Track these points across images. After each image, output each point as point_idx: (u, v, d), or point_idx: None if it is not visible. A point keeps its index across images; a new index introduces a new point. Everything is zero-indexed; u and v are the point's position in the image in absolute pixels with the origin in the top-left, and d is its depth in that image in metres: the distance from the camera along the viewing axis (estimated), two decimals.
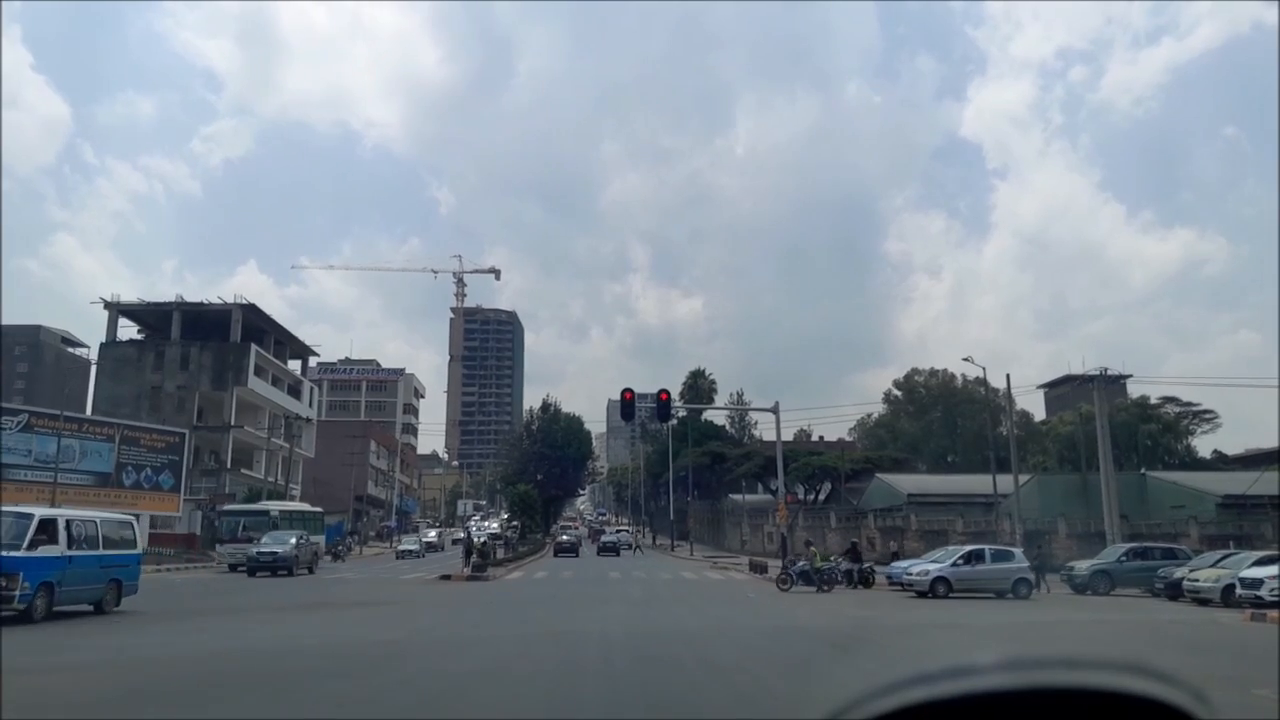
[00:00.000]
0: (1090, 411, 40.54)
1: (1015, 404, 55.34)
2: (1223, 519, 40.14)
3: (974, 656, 0.66)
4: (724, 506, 68.28)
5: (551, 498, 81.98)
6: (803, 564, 25.60)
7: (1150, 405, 66.29)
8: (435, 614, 17.80)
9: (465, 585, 27.50)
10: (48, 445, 42.70)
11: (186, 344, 59.22)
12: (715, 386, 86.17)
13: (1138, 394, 66.81)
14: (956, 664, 0.64)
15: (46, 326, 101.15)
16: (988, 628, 15.99)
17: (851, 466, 61.57)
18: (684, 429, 71.15)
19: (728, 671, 9.82)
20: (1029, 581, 24.14)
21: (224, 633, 14.14)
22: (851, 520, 50.50)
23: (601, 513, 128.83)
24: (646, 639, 13.00)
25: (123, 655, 11.04)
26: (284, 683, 8.89)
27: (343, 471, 69.95)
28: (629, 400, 27.65)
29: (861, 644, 12.74)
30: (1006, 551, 25.86)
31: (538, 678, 9.20)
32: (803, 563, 25.77)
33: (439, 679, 9.14)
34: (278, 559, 31.18)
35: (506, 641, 12.46)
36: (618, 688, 8.61)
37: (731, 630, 14.73)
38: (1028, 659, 0.64)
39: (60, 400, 52.91)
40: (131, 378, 58.04)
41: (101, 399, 57.18)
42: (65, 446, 43.26)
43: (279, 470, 58.19)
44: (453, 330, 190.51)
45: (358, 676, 9.12)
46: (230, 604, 19.95)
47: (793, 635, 14.12)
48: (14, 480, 41.52)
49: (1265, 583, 19.24)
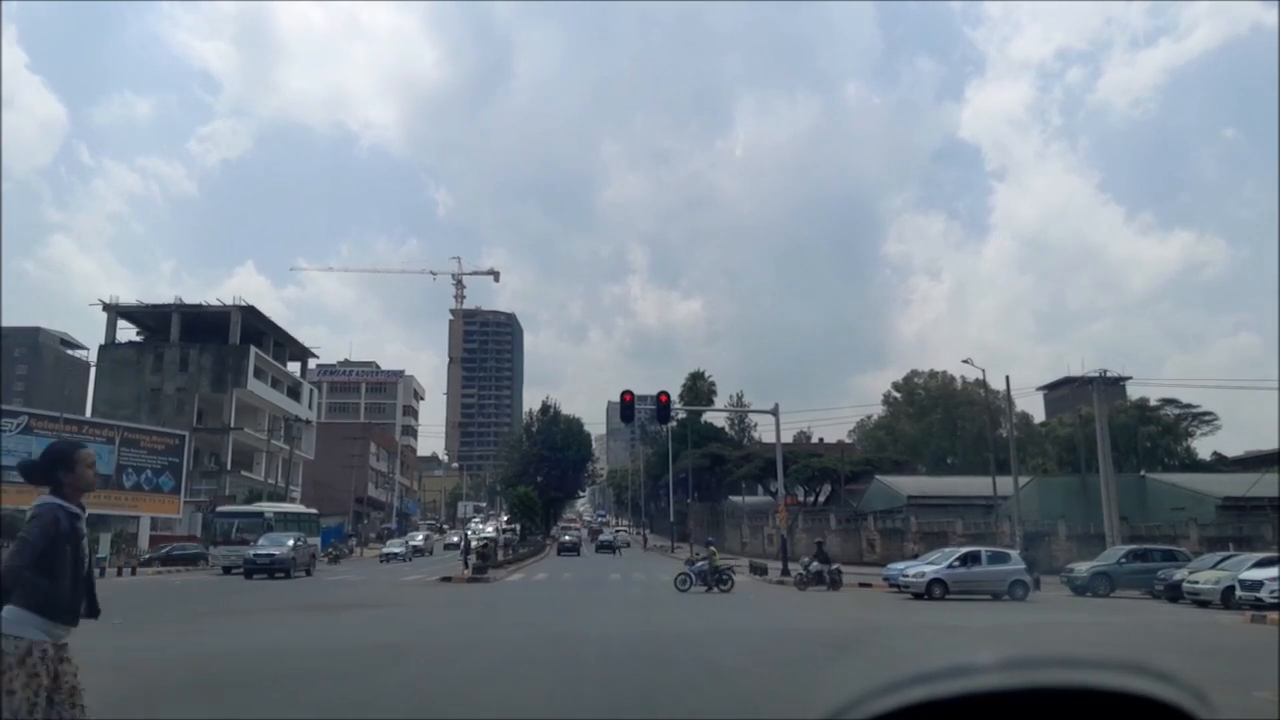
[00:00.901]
0: (1090, 413, 40.54)
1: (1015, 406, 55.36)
2: (1222, 521, 40.16)
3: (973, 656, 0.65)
4: (724, 508, 68.28)
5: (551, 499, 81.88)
6: (701, 564, 25.37)
7: (1150, 407, 66.31)
8: (435, 616, 17.78)
9: (465, 587, 27.48)
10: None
11: (186, 346, 59.21)
12: (715, 388, 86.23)
13: (1137, 396, 66.91)
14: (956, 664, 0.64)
15: (46, 328, 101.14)
16: (987, 628, 15.99)
17: (851, 468, 61.62)
18: (684, 431, 71.12)
19: (728, 672, 9.81)
20: (1025, 583, 24.15)
21: (224, 634, 14.13)
22: (851, 522, 50.51)
23: (600, 514, 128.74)
24: (646, 640, 12.99)
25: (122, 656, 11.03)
26: (284, 684, 8.88)
27: (343, 473, 69.90)
28: (629, 402, 27.64)
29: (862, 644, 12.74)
30: (1003, 554, 25.88)
31: (538, 679, 9.19)
32: (701, 562, 25.58)
33: (438, 681, 9.14)
34: (275, 561, 31.04)
35: (506, 644, 12.45)
36: (618, 689, 8.60)
37: (731, 631, 14.73)
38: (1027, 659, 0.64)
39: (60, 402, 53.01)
40: (131, 379, 58.03)
41: (101, 401, 57.18)
42: None
43: (279, 472, 58.18)
44: (452, 332, 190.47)
45: (357, 678, 9.11)
46: (230, 605, 19.93)
47: (793, 636, 14.12)
48: (13, 482, 41.45)
49: (1265, 584, 19.25)
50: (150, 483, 48.31)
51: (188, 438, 51.53)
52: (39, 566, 3.63)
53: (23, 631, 3.60)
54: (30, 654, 3.60)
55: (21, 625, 3.60)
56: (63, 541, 3.74)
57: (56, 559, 3.69)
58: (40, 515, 3.73)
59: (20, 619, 3.60)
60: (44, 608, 3.65)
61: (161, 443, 49.55)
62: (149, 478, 48.30)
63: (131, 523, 47.03)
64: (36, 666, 3.63)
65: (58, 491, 3.88)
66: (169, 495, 49.07)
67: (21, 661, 3.58)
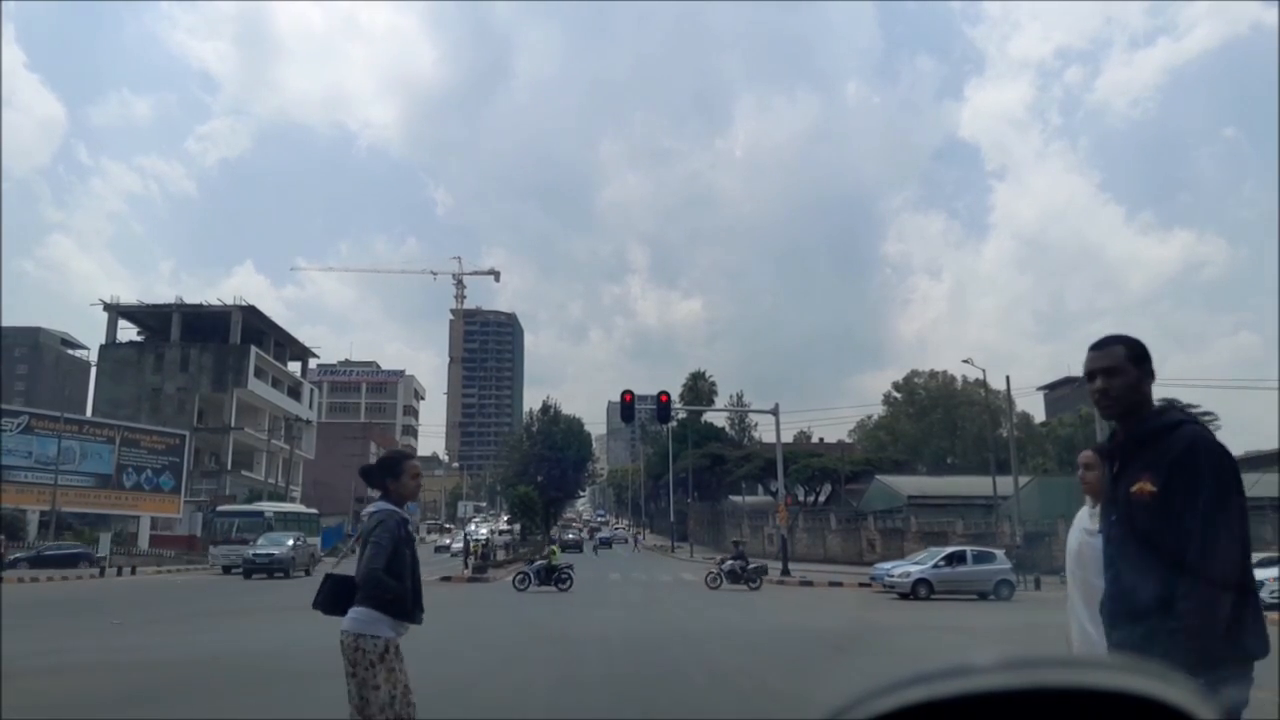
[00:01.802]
0: (1090, 413, 40.53)
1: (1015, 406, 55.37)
2: None
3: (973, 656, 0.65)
4: (724, 508, 68.22)
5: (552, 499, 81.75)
6: (540, 562, 25.24)
7: None
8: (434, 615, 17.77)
9: (466, 586, 27.52)
10: (48, 447, 42.68)
11: (186, 346, 59.23)
12: (715, 388, 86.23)
13: None
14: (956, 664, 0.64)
15: (46, 328, 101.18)
16: (986, 628, 15.98)
17: (851, 468, 61.60)
18: (684, 431, 71.11)
19: (728, 672, 9.81)
20: (1011, 583, 24.22)
21: (224, 634, 14.13)
22: (852, 522, 50.46)
23: (600, 514, 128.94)
24: (646, 640, 12.99)
25: (122, 656, 11.04)
26: (283, 684, 8.88)
27: (343, 473, 69.69)
28: (629, 402, 27.63)
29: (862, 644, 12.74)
30: (988, 553, 25.95)
31: (537, 680, 9.19)
32: (540, 561, 25.47)
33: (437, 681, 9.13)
34: (274, 560, 31.04)
35: (505, 644, 12.46)
36: (618, 689, 8.60)
37: (731, 631, 14.73)
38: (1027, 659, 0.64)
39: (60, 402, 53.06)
40: (131, 379, 58.05)
41: (101, 401, 57.19)
42: (66, 448, 43.26)
43: (279, 472, 58.20)
44: (452, 332, 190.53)
45: None
46: (230, 605, 19.93)
47: (793, 636, 14.12)
48: (14, 481, 41.52)
49: (1265, 584, 19.25)
50: (150, 482, 48.34)
51: (188, 438, 51.56)
52: (389, 569, 3.87)
53: (379, 631, 3.86)
54: (388, 651, 3.87)
55: (376, 625, 3.86)
56: (403, 545, 3.98)
57: (400, 561, 3.93)
58: (385, 521, 3.96)
59: (373, 619, 3.86)
60: (393, 608, 3.90)
61: (162, 442, 49.58)
62: (149, 477, 48.33)
63: (131, 522, 47.05)
64: (394, 663, 3.89)
65: (386, 496, 4.14)
66: (169, 495, 49.12)
67: (381, 659, 3.85)
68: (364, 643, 3.83)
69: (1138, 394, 2.54)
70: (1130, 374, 2.53)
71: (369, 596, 3.86)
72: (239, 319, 60.17)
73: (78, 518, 43.58)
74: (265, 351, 62.68)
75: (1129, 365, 2.54)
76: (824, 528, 49.94)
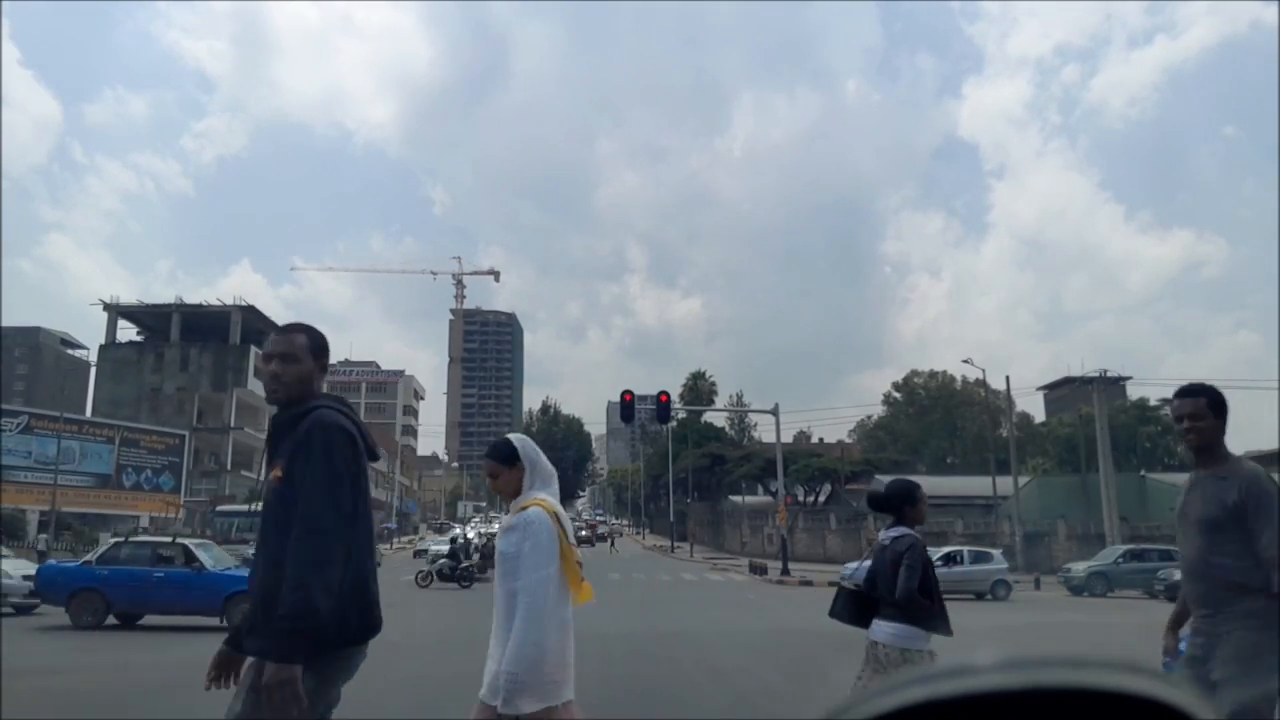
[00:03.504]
0: (1090, 413, 40.57)
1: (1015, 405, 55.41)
2: None
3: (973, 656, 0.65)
4: (724, 508, 68.20)
5: None
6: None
7: (1150, 407, 66.25)
8: (431, 615, 17.78)
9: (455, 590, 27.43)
10: (48, 447, 42.66)
11: (186, 345, 59.25)
12: (715, 388, 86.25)
13: (1137, 395, 66.87)
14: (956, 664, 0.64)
15: (45, 328, 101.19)
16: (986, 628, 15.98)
17: (851, 468, 61.55)
18: (684, 431, 71.12)
19: (728, 672, 9.82)
20: (1008, 583, 24.20)
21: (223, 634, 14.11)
22: (851, 522, 50.44)
23: (599, 513, 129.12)
24: (646, 640, 12.99)
25: (123, 656, 11.04)
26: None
27: None
28: (629, 402, 27.59)
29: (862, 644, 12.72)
30: (985, 553, 25.92)
31: None
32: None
33: (437, 681, 9.13)
34: None
35: None
36: (617, 689, 8.60)
37: (731, 631, 14.74)
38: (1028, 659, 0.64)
39: (60, 402, 53.04)
40: (131, 379, 58.07)
41: (101, 400, 57.20)
42: (65, 448, 43.22)
43: None
44: (452, 332, 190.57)
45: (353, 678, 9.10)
46: None
47: (793, 636, 14.12)
48: (14, 481, 41.49)
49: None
50: (150, 482, 48.33)
51: (188, 437, 51.56)
52: (921, 589, 4.28)
53: (924, 645, 4.29)
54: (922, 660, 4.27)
55: (922, 641, 4.29)
56: (929, 567, 4.37)
57: (930, 581, 4.34)
58: (914, 546, 4.33)
59: (915, 635, 4.29)
60: (927, 623, 4.32)
61: (161, 442, 49.57)
62: (149, 477, 48.32)
63: (131, 522, 47.04)
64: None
65: (901, 521, 4.50)
66: (169, 495, 49.06)
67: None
68: (910, 655, 4.25)
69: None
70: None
71: (909, 614, 4.28)
72: (238, 319, 60.19)
73: (77, 518, 43.61)
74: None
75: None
76: (824, 528, 49.92)
